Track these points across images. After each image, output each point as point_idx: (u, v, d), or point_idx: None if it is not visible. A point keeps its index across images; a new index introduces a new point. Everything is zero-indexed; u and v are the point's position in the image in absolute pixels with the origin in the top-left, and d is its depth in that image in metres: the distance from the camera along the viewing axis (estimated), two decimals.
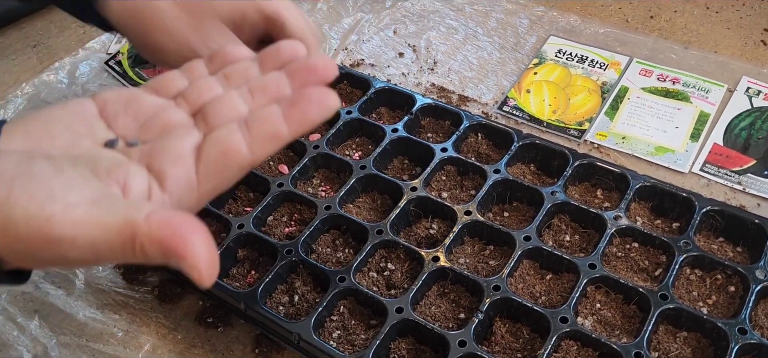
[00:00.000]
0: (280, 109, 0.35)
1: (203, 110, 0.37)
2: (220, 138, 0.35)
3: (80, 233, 0.31)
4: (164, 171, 0.34)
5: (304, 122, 0.35)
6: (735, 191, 0.66)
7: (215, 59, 0.40)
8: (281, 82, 0.37)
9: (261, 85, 0.37)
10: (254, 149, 0.34)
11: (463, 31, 0.88)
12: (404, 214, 0.63)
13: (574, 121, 0.74)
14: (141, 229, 0.30)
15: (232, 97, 0.37)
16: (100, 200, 0.32)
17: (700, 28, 0.85)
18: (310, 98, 0.35)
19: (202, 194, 0.34)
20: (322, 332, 0.55)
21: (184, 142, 0.35)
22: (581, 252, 0.59)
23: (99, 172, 0.33)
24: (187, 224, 0.30)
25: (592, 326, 0.54)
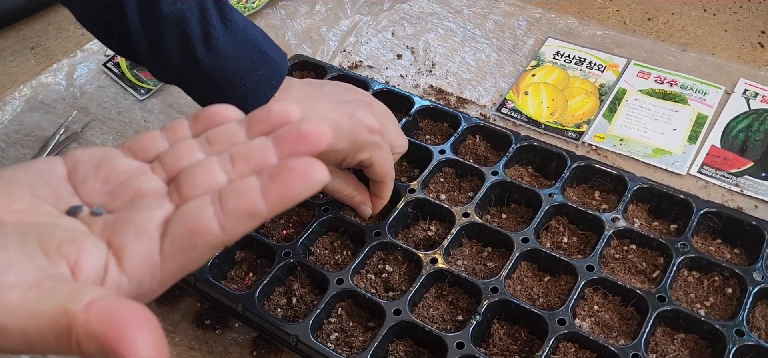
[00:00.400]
0: (259, 183, 0.31)
1: (178, 179, 0.33)
2: (190, 214, 0.31)
3: (11, 320, 0.27)
4: (124, 247, 0.31)
5: (284, 198, 0.31)
6: (732, 193, 0.66)
7: (200, 119, 0.36)
8: (267, 150, 0.33)
9: (244, 153, 0.33)
10: (227, 227, 0.30)
11: (461, 33, 0.88)
12: (402, 216, 0.63)
13: (572, 123, 0.74)
14: (78, 321, 0.27)
15: (210, 166, 0.33)
16: (40, 283, 0.28)
17: (698, 30, 0.85)
18: (294, 171, 0.31)
19: (166, 275, 0.31)
20: (320, 334, 0.55)
21: (151, 214, 0.32)
22: (579, 254, 0.59)
23: (49, 247, 0.30)
24: (132, 317, 0.26)
25: (590, 328, 0.54)
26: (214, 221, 0.30)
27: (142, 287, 0.30)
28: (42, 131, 0.79)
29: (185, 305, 0.62)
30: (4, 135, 0.79)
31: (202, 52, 0.53)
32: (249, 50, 0.55)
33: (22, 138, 0.79)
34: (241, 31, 0.55)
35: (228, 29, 0.54)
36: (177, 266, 0.31)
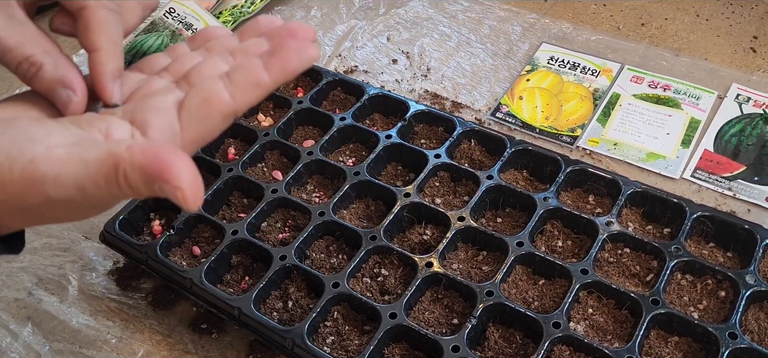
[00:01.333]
0: (261, 61, 0.35)
1: (186, 75, 0.38)
2: (203, 86, 0.35)
3: (63, 170, 0.31)
4: (147, 121, 0.34)
5: (284, 69, 0.35)
6: (725, 197, 0.67)
7: (196, 39, 0.41)
8: (261, 44, 0.38)
9: (243, 47, 0.38)
10: (236, 96, 0.34)
11: (456, 38, 0.88)
12: (398, 220, 0.63)
13: (567, 127, 0.75)
14: (123, 158, 0.30)
15: (214, 61, 0.38)
16: (82, 142, 0.32)
17: (691, 35, 0.86)
18: (290, 48, 0.35)
19: (186, 141, 0.34)
20: (315, 337, 0.56)
21: (167, 97, 0.35)
22: (573, 258, 0.60)
23: (81, 123, 0.34)
24: (169, 149, 0.30)
25: (584, 331, 0.54)
26: (225, 91, 0.34)
27: None
28: None
29: (181, 310, 0.62)
30: None
31: None
32: None
33: None
34: None
35: None
36: (195, 133, 0.34)
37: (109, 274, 0.66)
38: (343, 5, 0.95)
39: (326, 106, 0.76)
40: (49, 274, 0.66)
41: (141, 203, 0.66)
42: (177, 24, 0.89)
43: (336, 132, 0.71)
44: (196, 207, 0.30)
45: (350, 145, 0.72)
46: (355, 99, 0.75)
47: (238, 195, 0.68)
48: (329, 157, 0.69)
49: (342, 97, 0.77)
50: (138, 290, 0.64)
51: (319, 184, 0.68)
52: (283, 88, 0.79)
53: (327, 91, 0.77)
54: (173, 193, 0.30)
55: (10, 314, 0.63)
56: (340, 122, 0.72)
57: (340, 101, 0.77)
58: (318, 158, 0.68)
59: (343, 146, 0.72)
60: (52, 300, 0.64)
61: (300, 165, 0.68)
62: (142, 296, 0.64)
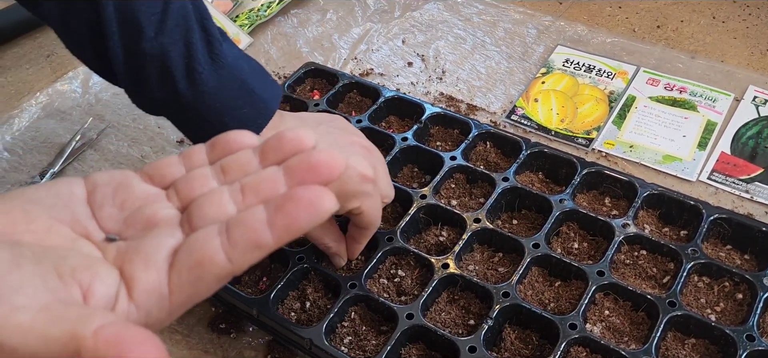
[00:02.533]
0: (265, 214, 0.31)
1: (189, 208, 0.34)
2: (196, 245, 0.31)
3: (21, 342, 0.28)
4: (134, 277, 0.31)
5: (290, 229, 0.31)
6: (742, 199, 0.66)
7: (216, 146, 0.37)
8: (277, 181, 0.33)
9: (254, 184, 0.34)
10: (234, 258, 0.31)
11: (471, 40, 0.89)
12: (414, 221, 0.63)
13: (582, 130, 0.75)
14: (87, 345, 0.27)
15: (220, 197, 0.34)
16: (51, 306, 0.29)
17: (707, 37, 0.85)
18: (300, 200, 0.31)
19: (175, 305, 0.31)
20: (333, 337, 0.56)
21: (161, 243, 0.32)
22: (590, 259, 0.60)
23: (63, 271, 0.31)
24: (140, 344, 0.27)
25: (600, 333, 0.55)
26: (221, 251, 0.31)
27: (151, 317, 0.31)
28: (58, 138, 0.80)
29: (200, 310, 0.63)
30: (21, 142, 0.81)
31: (185, 86, 0.52)
32: (236, 86, 0.54)
33: (38, 145, 0.80)
34: (229, 67, 0.53)
35: (214, 64, 0.52)
36: (185, 297, 0.31)
37: None
38: (358, 8, 0.96)
39: (342, 108, 0.77)
40: None
41: None
42: None
43: None
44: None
45: None
46: (371, 101, 0.76)
47: None
48: None
49: (358, 99, 0.78)
50: None
51: None
52: (300, 92, 0.80)
53: (343, 93, 0.78)
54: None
55: None
56: (356, 125, 0.72)
57: (356, 104, 0.77)
58: None
59: None
60: None
61: None
62: None
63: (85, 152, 0.79)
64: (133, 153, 0.78)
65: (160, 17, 0.51)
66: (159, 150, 0.78)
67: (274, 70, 0.87)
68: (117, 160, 0.77)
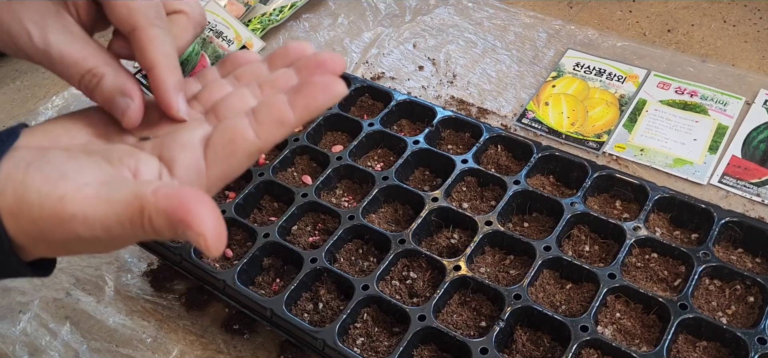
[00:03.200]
0: (287, 97, 0.35)
1: (214, 107, 0.38)
2: (228, 124, 0.35)
3: (91, 210, 0.32)
4: (174, 158, 0.35)
5: (309, 107, 0.35)
6: (754, 203, 0.67)
7: (226, 64, 0.42)
8: (290, 76, 0.38)
9: (270, 80, 0.38)
10: (261, 134, 0.35)
11: (481, 44, 0.89)
12: (426, 224, 0.64)
13: (593, 133, 0.75)
14: (148, 201, 0.31)
15: (242, 93, 0.38)
16: (111, 181, 0.33)
17: (718, 41, 0.86)
18: (316, 84, 0.35)
19: (211, 179, 0.35)
20: (346, 338, 0.57)
21: (194, 132, 0.36)
22: (601, 262, 0.60)
23: (112, 159, 0.35)
24: (194, 195, 0.31)
25: (612, 335, 0.55)
26: (250, 129, 0.34)
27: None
28: None
29: (214, 311, 0.64)
30: None
31: None
32: None
33: None
34: None
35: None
36: (220, 171, 0.35)
37: (144, 275, 0.67)
38: (369, 13, 0.96)
39: (354, 112, 0.78)
40: (87, 275, 0.68)
41: None
42: (207, 31, 0.91)
43: (364, 137, 0.72)
44: (217, 254, 0.31)
45: (378, 150, 0.73)
46: (382, 105, 0.76)
47: (269, 199, 0.69)
48: (358, 162, 0.71)
49: (370, 103, 0.78)
50: (172, 291, 0.66)
51: (348, 188, 0.69)
52: None
53: (355, 97, 0.79)
54: (196, 239, 0.30)
55: (49, 314, 0.65)
56: (368, 128, 0.73)
57: (368, 107, 0.78)
58: (347, 163, 0.70)
59: (371, 151, 0.73)
60: (90, 300, 0.66)
61: (329, 170, 0.69)
62: (176, 297, 0.65)
63: None
64: None
65: None
66: None
67: None
68: None
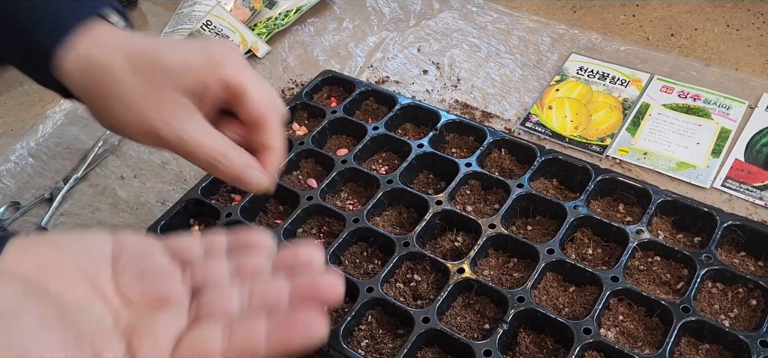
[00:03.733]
0: (266, 326, 0.35)
1: (201, 294, 0.38)
2: (199, 338, 0.35)
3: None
4: (140, 354, 0.35)
5: (284, 347, 0.35)
6: (756, 206, 0.67)
7: (236, 240, 0.41)
8: (282, 295, 0.37)
9: (262, 289, 0.38)
10: (229, 356, 0.35)
11: (485, 48, 0.90)
12: (430, 227, 0.64)
13: (596, 137, 0.76)
14: None
15: (230, 294, 0.38)
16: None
17: (721, 45, 0.86)
18: (297, 324, 0.35)
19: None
20: (350, 340, 0.57)
21: (169, 327, 0.36)
22: (604, 265, 0.61)
23: (82, 337, 0.34)
24: None
25: (615, 338, 0.55)
26: (219, 346, 0.35)
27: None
28: (81, 144, 0.82)
29: None
30: (45, 148, 0.83)
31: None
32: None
33: (62, 151, 0.82)
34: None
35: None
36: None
37: None
38: (374, 17, 0.97)
39: (359, 115, 0.78)
40: None
41: (181, 209, 0.68)
42: (214, 36, 0.91)
43: (369, 141, 0.73)
44: None
45: (383, 154, 0.73)
46: (387, 109, 0.77)
47: (274, 202, 0.70)
48: (363, 165, 0.71)
49: (374, 107, 0.79)
50: None
51: (352, 191, 0.70)
52: (317, 99, 0.81)
53: (360, 101, 0.79)
54: None
55: None
56: (373, 131, 0.73)
57: (373, 111, 0.78)
58: (352, 167, 0.70)
59: (376, 155, 0.73)
60: None
61: (334, 173, 0.69)
62: None
63: (108, 158, 0.80)
64: (154, 159, 0.80)
65: None
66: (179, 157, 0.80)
67: (291, 78, 0.88)
68: (138, 165, 0.79)
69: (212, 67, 0.47)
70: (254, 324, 0.35)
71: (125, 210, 0.74)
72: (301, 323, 0.35)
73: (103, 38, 0.46)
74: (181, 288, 0.38)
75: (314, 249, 0.39)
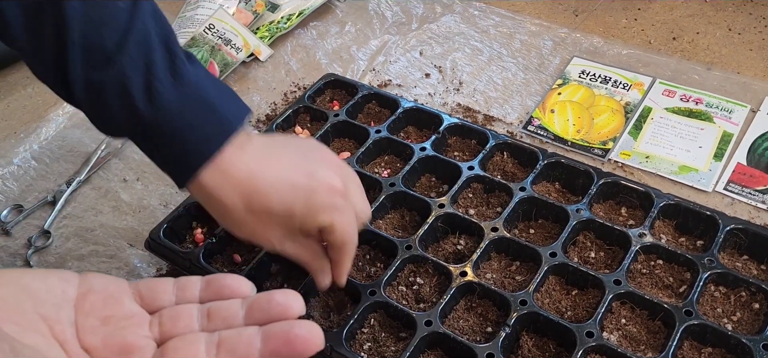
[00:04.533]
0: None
1: (168, 343, 0.37)
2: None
3: None
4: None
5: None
6: (759, 210, 0.67)
7: (211, 285, 0.40)
8: (253, 345, 0.36)
9: (232, 341, 0.36)
10: None
11: (487, 52, 0.90)
12: (432, 230, 0.64)
13: (598, 140, 0.76)
14: None
15: (196, 346, 0.36)
16: None
17: (723, 49, 0.86)
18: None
19: None
20: (353, 344, 0.57)
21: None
22: (606, 268, 0.61)
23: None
24: None
25: (617, 341, 0.55)
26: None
27: None
28: (84, 147, 0.82)
29: None
30: (48, 151, 0.83)
31: (144, 105, 0.50)
32: (197, 104, 0.51)
33: (65, 154, 0.82)
34: (192, 85, 0.51)
35: (176, 82, 0.51)
36: None
37: None
38: (376, 20, 0.97)
39: (362, 119, 0.78)
40: None
41: (183, 212, 0.68)
42: (216, 40, 0.92)
43: (372, 144, 0.73)
44: None
45: (385, 157, 0.74)
46: (389, 112, 0.77)
47: None
48: (365, 168, 0.71)
49: (377, 110, 0.79)
50: None
51: None
52: (320, 102, 0.81)
53: (362, 104, 0.79)
54: None
55: None
56: (375, 135, 0.73)
57: (375, 114, 0.79)
58: (354, 170, 0.70)
59: (378, 158, 0.74)
60: None
61: None
62: None
63: (110, 161, 0.81)
64: None
65: (121, 38, 0.49)
66: None
67: (294, 81, 0.89)
68: (140, 168, 0.79)
69: (312, 217, 0.53)
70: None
71: (128, 213, 0.74)
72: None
73: (226, 167, 0.52)
74: (146, 337, 0.37)
75: (292, 296, 0.38)
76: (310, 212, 0.53)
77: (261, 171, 0.52)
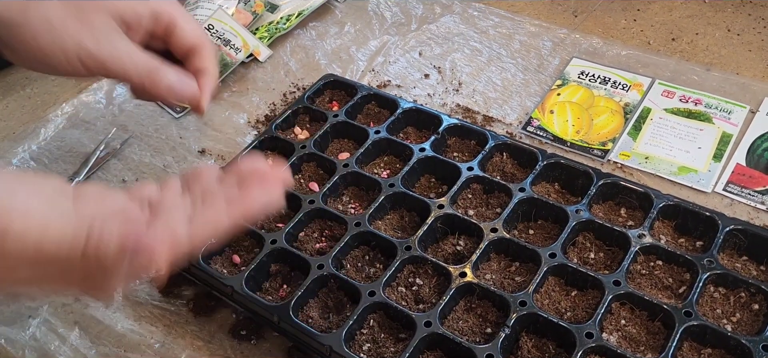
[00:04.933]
0: (224, 205, 0.41)
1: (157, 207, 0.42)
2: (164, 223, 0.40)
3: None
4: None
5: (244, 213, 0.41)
6: (758, 211, 0.67)
7: (188, 175, 0.45)
8: (231, 192, 0.42)
9: (212, 191, 0.42)
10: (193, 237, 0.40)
11: (487, 52, 0.90)
12: (432, 231, 0.64)
13: (598, 141, 0.76)
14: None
15: (184, 202, 0.42)
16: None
17: (722, 50, 0.86)
18: (252, 193, 0.41)
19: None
20: (352, 344, 0.57)
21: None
22: (606, 269, 0.61)
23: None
24: None
25: (617, 342, 0.55)
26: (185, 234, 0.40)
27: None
28: (83, 148, 0.82)
29: (221, 316, 0.64)
30: (47, 151, 0.83)
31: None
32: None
33: (64, 154, 0.82)
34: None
35: None
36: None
37: (152, 281, 0.68)
38: (375, 21, 0.97)
39: (361, 119, 0.78)
40: None
41: None
42: (216, 40, 0.91)
43: (371, 145, 0.73)
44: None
45: (385, 157, 0.74)
46: (389, 113, 0.77)
47: None
48: (364, 169, 0.71)
49: (376, 110, 0.79)
50: (180, 297, 0.66)
51: (354, 195, 0.70)
52: (319, 103, 0.81)
53: (361, 105, 0.79)
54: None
55: (58, 319, 0.66)
56: (374, 135, 0.73)
57: (375, 115, 0.78)
58: (353, 170, 0.70)
59: (377, 159, 0.74)
60: (98, 306, 0.66)
61: (336, 177, 0.70)
62: (184, 303, 0.66)
63: (109, 162, 0.80)
64: (155, 162, 0.80)
65: None
66: (180, 159, 0.80)
67: (293, 82, 0.88)
68: (140, 169, 0.79)
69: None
70: (213, 207, 0.40)
71: None
72: (256, 191, 0.41)
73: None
74: (139, 213, 0.42)
75: (256, 159, 0.44)
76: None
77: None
